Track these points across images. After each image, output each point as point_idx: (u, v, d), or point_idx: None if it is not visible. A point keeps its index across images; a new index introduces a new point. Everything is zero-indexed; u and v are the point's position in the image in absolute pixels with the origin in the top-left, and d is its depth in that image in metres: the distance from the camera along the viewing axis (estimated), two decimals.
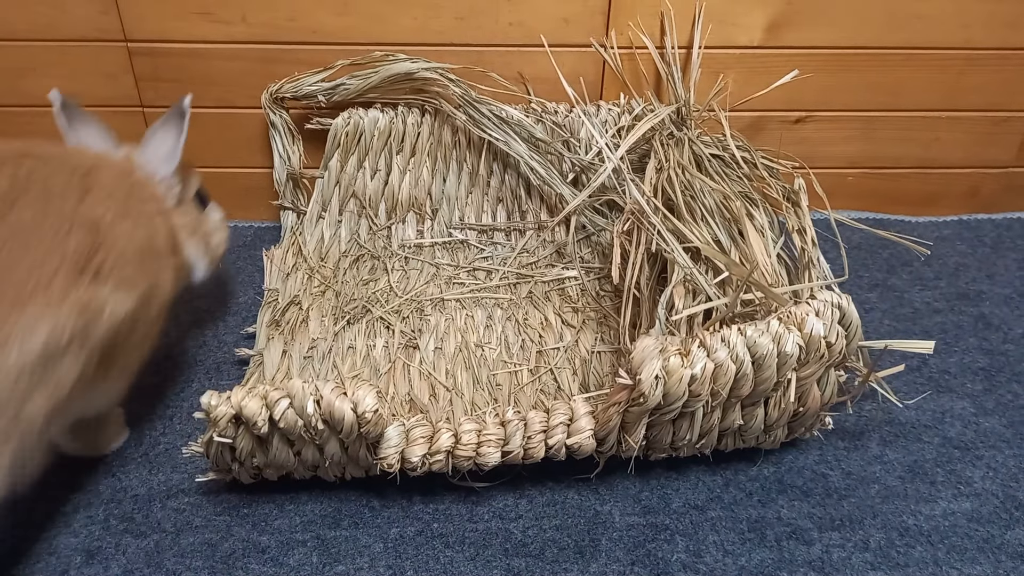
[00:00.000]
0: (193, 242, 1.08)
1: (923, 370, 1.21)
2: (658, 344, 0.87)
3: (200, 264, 1.11)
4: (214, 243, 1.14)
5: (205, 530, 0.95)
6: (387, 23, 1.36)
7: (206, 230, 1.12)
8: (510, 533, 0.95)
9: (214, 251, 1.14)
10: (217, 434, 0.89)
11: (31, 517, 0.96)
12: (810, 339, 0.88)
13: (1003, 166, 1.58)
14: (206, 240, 1.11)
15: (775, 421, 0.97)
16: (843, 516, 0.98)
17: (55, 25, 1.34)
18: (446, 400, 1.10)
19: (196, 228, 1.09)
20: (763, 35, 1.40)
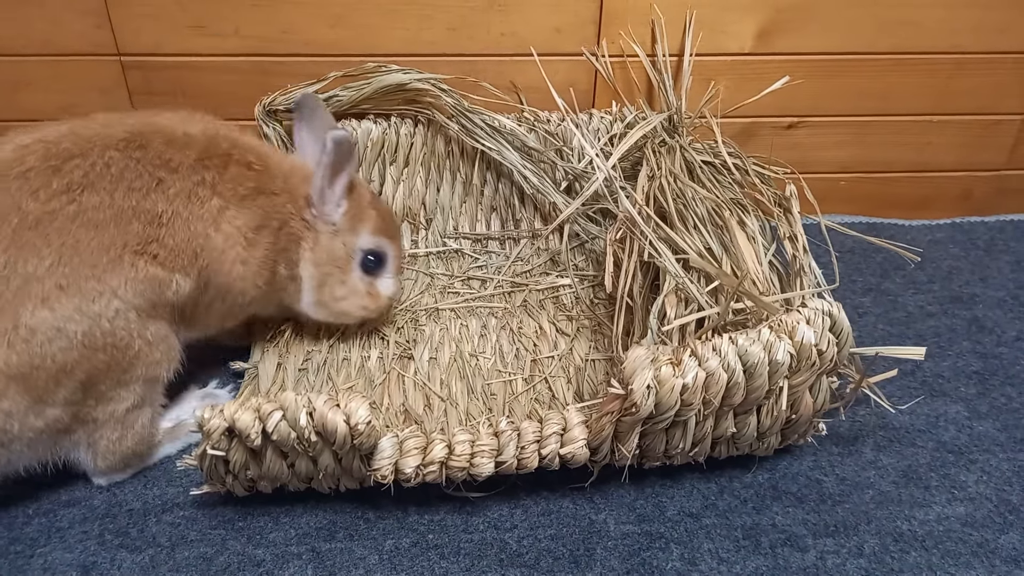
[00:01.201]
0: (314, 271, 1.09)
1: (916, 374, 1.21)
2: (649, 354, 0.87)
3: (308, 299, 1.11)
4: (334, 293, 1.11)
5: (200, 544, 0.95)
6: (379, 34, 1.37)
7: (333, 273, 1.10)
8: (505, 543, 0.96)
9: (327, 299, 1.11)
10: (211, 447, 0.89)
11: (26, 532, 0.97)
12: (801, 347, 0.88)
13: (995, 169, 1.59)
14: (325, 283, 1.10)
15: (768, 428, 0.97)
16: (837, 522, 0.98)
17: (50, 40, 1.35)
18: (441, 410, 1.11)
19: (326, 264, 1.08)
20: (754, 42, 1.41)
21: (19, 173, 0.88)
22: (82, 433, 0.95)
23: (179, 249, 0.96)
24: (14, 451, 0.90)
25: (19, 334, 0.84)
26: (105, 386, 0.93)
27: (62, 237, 0.88)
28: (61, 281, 0.86)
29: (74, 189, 0.89)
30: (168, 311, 0.98)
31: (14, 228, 0.86)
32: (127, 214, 0.92)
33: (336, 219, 1.08)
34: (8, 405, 0.86)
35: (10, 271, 0.85)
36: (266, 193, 1.03)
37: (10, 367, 0.84)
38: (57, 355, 0.87)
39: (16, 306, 0.84)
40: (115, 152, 0.93)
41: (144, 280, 0.93)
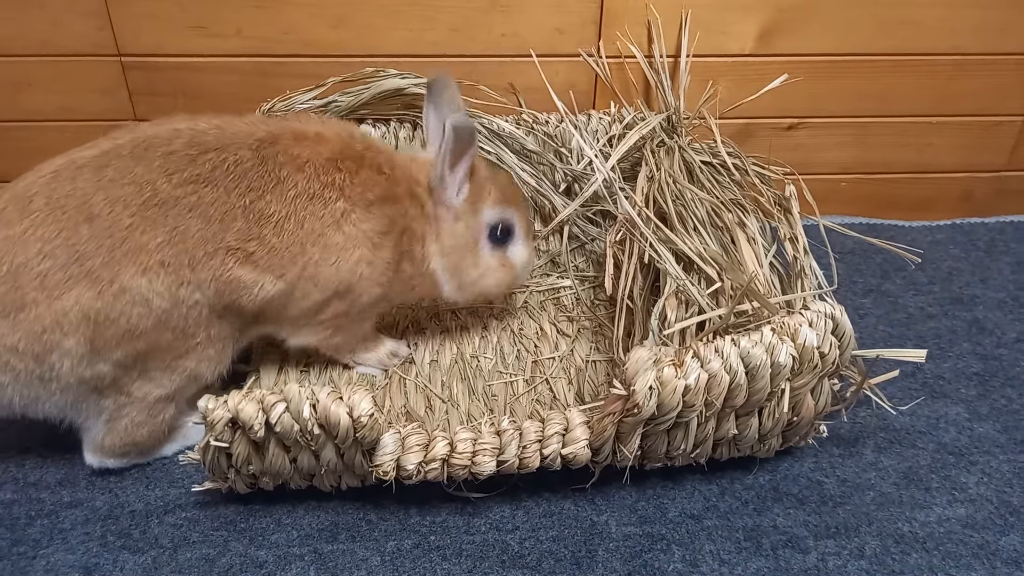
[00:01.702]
0: (444, 261, 1.09)
1: (917, 375, 1.21)
2: (652, 355, 0.87)
3: (449, 287, 1.11)
4: (469, 275, 1.10)
5: (203, 545, 0.95)
6: (381, 35, 1.37)
7: (464, 258, 1.09)
8: (507, 545, 0.96)
9: (466, 281, 1.11)
10: (214, 438, 0.89)
11: (29, 533, 0.97)
12: (803, 349, 0.89)
13: (995, 170, 1.59)
14: (459, 268, 1.09)
15: (769, 430, 0.97)
16: (838, 524, 0.99)
17: (51, 41, 1.35)
18: (442, 412, 1.11)
19: (454, 251, 1.08)
20: (754, 43, 1.41)
21: (164, 152, 0.95)
22: (111, 402, 0.97)
23: (281, 248, 0.97)
24: (50, 390, 0.94)
25: (112, 288, 0.90)
26: (155, 364, 0.96)
27: (177, 222, 0.93)
28: (164, 259, 0.92)
29: (199, 181, 0.94)
30: (239, 315, 0.99)
31: (145, 200, 0.92)
32: (235, 212, 0.95)
33: (457, 204, 1.07)
34: (71, 344, 0.90)
35: (129, 233, 0.91)
36: (391, 200, 1.03)
37: (91, 311, 0.90)
38: (133, 318, 0.92)
39: (121, 265, 0.91)
40: (247, 151, 0.97)
41: (227, 282, 0.95)
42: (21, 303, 0.89)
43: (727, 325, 0.95)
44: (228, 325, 1.00)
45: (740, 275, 1.00)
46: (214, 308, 0.97)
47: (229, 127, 0.99)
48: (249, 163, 0.96)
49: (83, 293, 0.89)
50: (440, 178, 1.04)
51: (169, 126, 0.98)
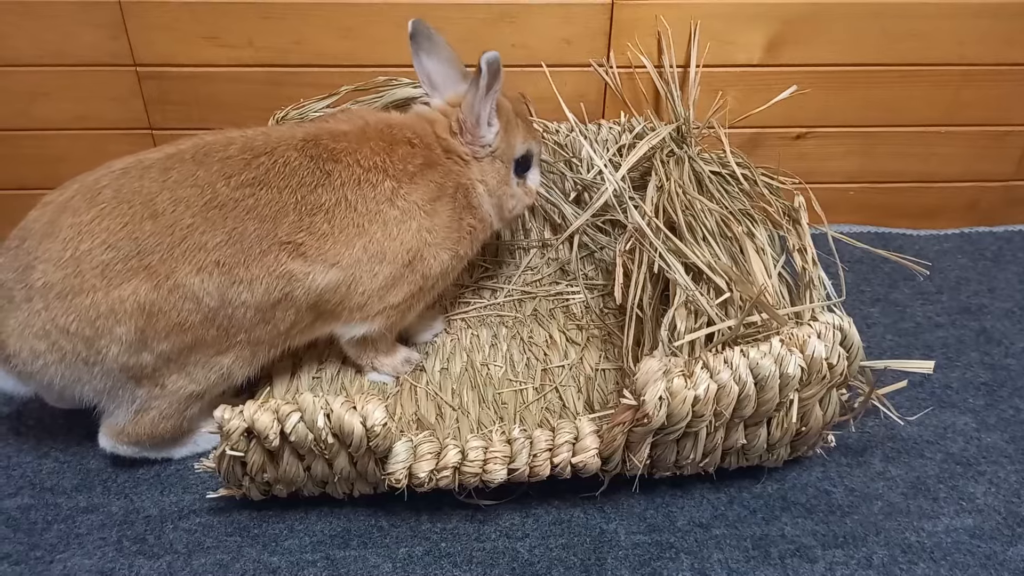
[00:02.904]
0: (491, 200, 1.14)
1: (925, 385, 1.22)
2: (662, 366, 0.88)
3: (495, 221, 1.18)
4: (508, 206, 1.17)
5: (217, 551, 0.96)
6: (391, 45, 1.38)
7: (504, 191, 1.15)
8: (517, 552, 0.97)
9: (505, 213, 1.18)
10: (230, 448, 0.90)
11: (46, 538, 0.98)
12: (812, 361, 0.89)
13: (1002, 179, 1.60)
14: (501, 203, 1.16)
15: (778, 440, 0.98)
16: (846, 533, 0.99)
17: (66, 51, 1.37)
18: (452, 419, 1.12)
19: (498, 187, 1.14)
20: (762, 54, 1.42)
21: (221, 157, 0.99)
22: (145, 392, 0.99)
23: (334, 233, 1.00)
24: (92, 374, 0.96)
25: (168, 283, 0.94)
26: (195, 359, 0.99)
27: (235, 223, 0.97)
28: (220, 259, 0.96)
29: (255, 184, 0.99)
30: (289, 314, 1.02)
31: (206, 202, 0.96)
32: (287, 208, 0.99)
33: (491, 140, 1.11)
34: (122, 332, 0.94)
35: (189, 232, 0.95)
36: (432, 165, 1.08)
37: (145, 302, 0.93)
38: (184, 312, 0.95)
39: (179, 262, 0.94)
40: (294, 152, 1.02)
41: (279, 276, 0.98)
42: (80, 288, 0.92)
43: (736, 336, 0.96)
44: (267, 333, 1.02)
45: (749, 286, 1.01)
46: (260, 308, 0.99)
47: (274, 132, 1.05)
48: (296, 162, 1.01)
49: (140, 285, 0.93)
50: (475, 116, 1.08)
51: (223, 134, 1.04)
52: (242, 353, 1.02)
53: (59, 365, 0.95)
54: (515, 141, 1.15)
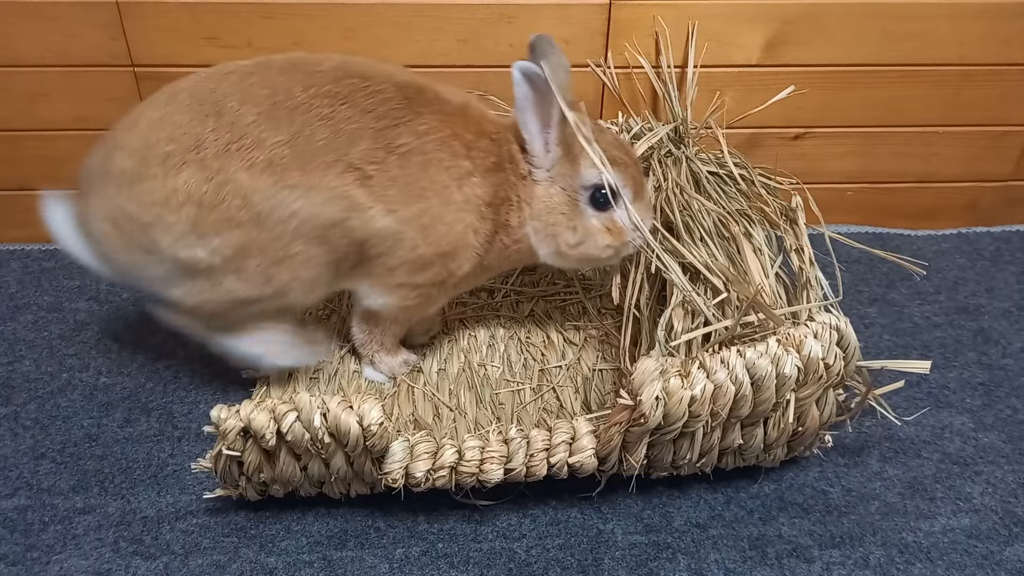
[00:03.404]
0: (535, 225, 1.04)
1: (922, 385, 1.22)
2: (658, 366, 0.88)
3: (545, 252, 1.06)
4: (566, 239, 1.04)
5: (213, 552, 0.97)
6: (390, 46, 1.38)
7: (557, 221, 1.03)
8: (514, 553, 0.97)
9: (562, 247, 1.05)
10: (226, 447, 0.91)
11: (42, 539, 0.98)
12: (808, 361, 0.89)
13: (1001, 180, 1.59)
14: (553, 233, 1.04)
15: (775, 440, 0.98)
16: (843, 533, 0.99)
17: (66, 51, 1.37)
18: (450, 420, 1.12)
19: (546, 214, 1.03)
20: (761, 54, 1.42)
21: (310, 71, 0.98)
22: (199, 284, 1.00)
23: (401, 181, 0.97)
24: (145, 262, 1.00)
25: (220, 177, 0.94)
26: (251, 263, 0.98)
27: (300, 127, 0.95)
28: (273, 158, 0.94)
29: (337, 98, 0.96)
30: (341, 243, 0.99)
31: (275, 102, 0.95)
32: (365, 132, 0.96)
33: (547, 165, 1.03)
34: (173, 220, 0.96)
35: (249, 129, 0.95)
36: (498, 168, 1.03)
37: (196, 195, 0.95)
38: (231, 210, 0.95)
39: (234, 157, 0.94)
40: (392, 87, 0.99)
41: (338, 197, 0.96)
42: (142, 176, 0.96)
43: (733, 336, 0.96)
44: (325, 254, 1.00)
45: (746, 286, 1.01)
46: (316, 225, 0.97)
47: (380, 64, 1.02)
48: (391, 94, 0.98)
49: (192, 176, 0.94)
50: (530, 136, 1.01)
51: (325, 54, 1.02)
52: (300, 273, 1.00)
53: (123, 249, 0.99)
54: (580, 167, 1.01)
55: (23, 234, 1.55)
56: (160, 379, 1.22)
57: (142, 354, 1.27)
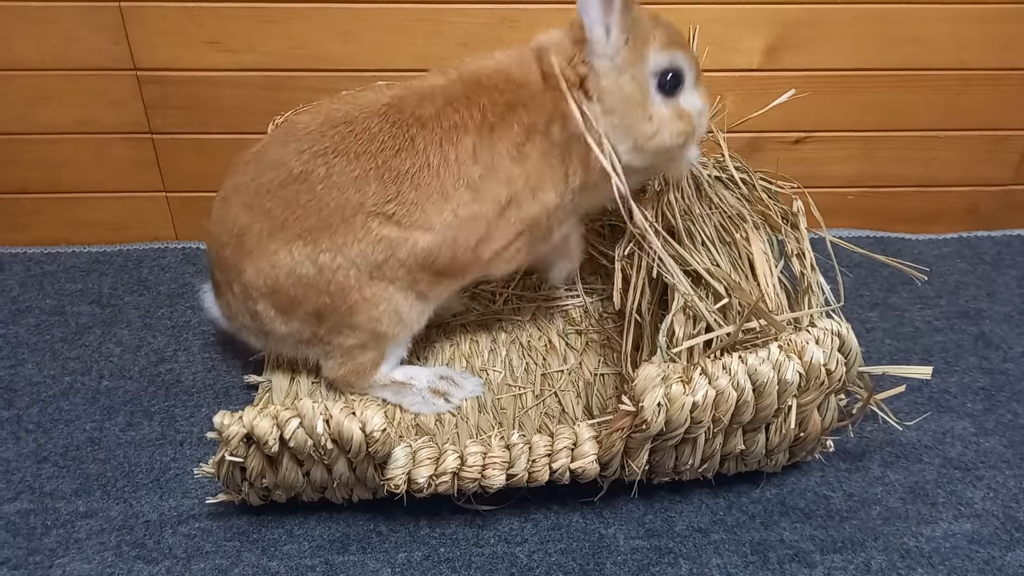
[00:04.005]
0: (611, 120, 0.99)
1: (924, 390, 1.22)
2: (660, 372, 0.88)
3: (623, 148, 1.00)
4: (644, 130, 0.99)
5: (216, 556, 0.97)
6: (391, 50, 1.38)
7: (635, 113, 0.99)
8: (516, 557, 0.97)
9: (641, 139, 1.00)
10: (229, 453, 0.91)
11: (44, 543, 0.98)
12: (810, 367, 0.90)
13: (1001, 184, 1.60)
14: (630, 126, 0.99)
15: (776, 446, 0.98)
16: (845, 538, 0.99)
17: (68, 55, 1.37)
18: (452, 425, 1.12)
19: (621, 106, 0.98)
20: (762, 58, 1.42)
21: (302, 134, 1.01)
22: (319, 348, 1.09)
23: (421, 201, 0.98)
24: (272, 340, 1.10)
25: (268, 262, 1.02)
26: (332, 322, 1.04)
27: (310, 195, 0.99)
28: (301, 232, 1.00)
29: (328, 153, 0.99)
30: (402, 273, 1.02)
31: (282, 180, 1.00)
32: (368, 176, 0.98)
33: (612, 52, 0.97)
34: (261, 308, 1.05)
35: (271, 212, 1.00)
36: (517, 107, 0.99)
37: (259, 285, 1.03)
38: (289, 287, 1.02)
39: (272, 241, 1.01)
40: (376, 118, 1.00)
41: (372, 242, 0.99)
42: (229, 281, 1.06)
43: (735, 342, 0.96)
44: (388, 286, 1.02)
45: (747, 293, 1.01)
46: (363, 269, 1.00)
47: (359, 99, 1.03)
48: (377, 128, 0.99)
49: (249, 268, 1.03)
50: (591, 22, 0.96)
51: (315, 110, 1.05)
52: (371, 313, 1.03)
53: (253, 336, 1.11)
54: (647, 51, 0.98)
55: (25, 237, 1.55)
56: (162, 383, 1.22)
57: (144, 358, 1.27)
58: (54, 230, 1.55)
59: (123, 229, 1.56)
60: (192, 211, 1.55)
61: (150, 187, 1.51)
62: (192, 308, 1.38)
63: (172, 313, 1.37)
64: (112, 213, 1.54)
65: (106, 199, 1.53)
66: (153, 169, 1.49)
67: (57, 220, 1.54)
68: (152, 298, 1.40)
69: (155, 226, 1.56)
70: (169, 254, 1.52)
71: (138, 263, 1.49)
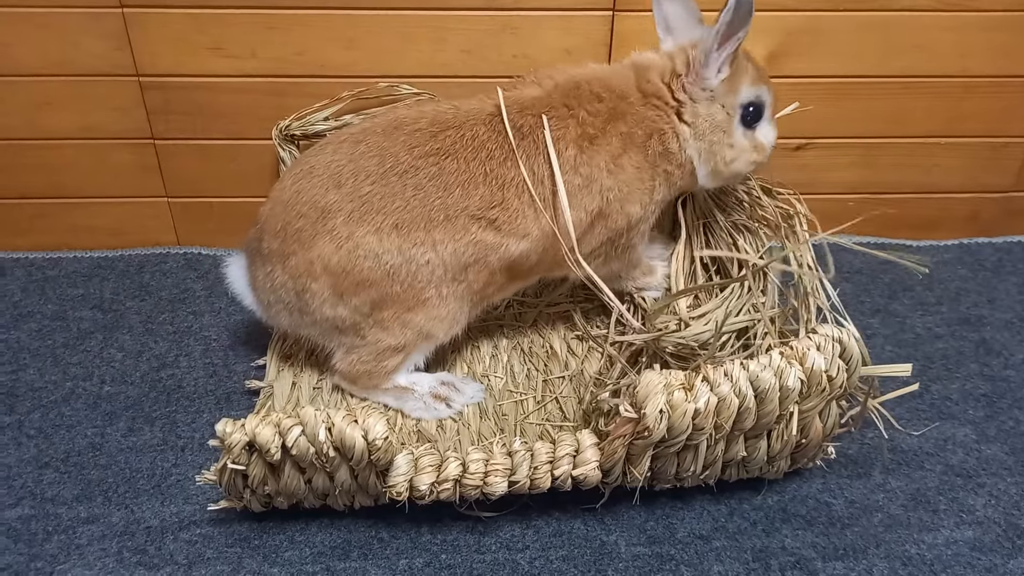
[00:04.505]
0: (699, 145, 1.08)
1: (925, 397, 1.22)
2: (662, 379, 0.88)
3: (703, 171, 1.11)
4: (723, 156, 1.09)
5: (217, 562, 0.97)
6: (393, 57, 1.39)
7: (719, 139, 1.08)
8: (517, 564, 0.97)
9: (720, 165, 1.10)
10: (231, 461, 0.91)
11: (46, 549, 0.98)
12: (811, 373, 0.90)
13: (1002, 191, 1.60)
14: (714, 152, 1.09)
15: (778, 452, 0.98)
16: (846, 545, 0.99)
17: (71, 61, 1.37)
18: (453, 431, 1.12)
19: (710, 132, 1.07)
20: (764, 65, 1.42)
21: (410, 130, 1.05)
22: (350, 339, 1.10)
23: (523, 210, 1.03)
24: (306, 321, 1.10)
25: (349, 243, 1.03)
26: (388, 314, 1.06)
27: (416, 190, 1.02)
28: (398, 222, 1.02)
29: (440, 154, 1.03)
30: (483, 275, 1.06)
31: (386, 169, 1.03)
32: (476, 179, 1.03)
33: (715, 84, 1.06)
34: (317, 287, 1.06)
35: (369, 197, 1.03)
36: (617, 118, 1.06)
37: (330, 263, 1.04)
38: (364, 271, 1.03)
39: (359, 224, 1.03)
40: (482, 127, 1.05)
41: (470, 244, 1.03)
42: (287, 252, 1.06)
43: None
44: (462, 290, 1.06)
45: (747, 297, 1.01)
46: (449, 268, 1.04)
47: (464, 106, 1.08)
48: (485, 136, 1.04)
49: (325, 246, 1.03)
50: (706, 56, 1.04)
51: (417, 109, 1.09)
52: (436, 312, 1.06)
53: (284, 313, 1.11)
54: (740, 85, 1.07)
55: (27, 242, 1.55)
56: (163, 388, 1.22)
57: (145, 363, 1.27)
58: (56, 235, 1.55)
59: (125, 234, 1.56)
60: (194, 216, 1.55)
61: (152, 192, 1.52)
62: (194, 313, 1.38)
63: (174, 318, 1.37)
64: (114, 218, 1.54)
65: (108, 204, 1.53)
66: (155, 174, 1.49)
67: (59, 225, 1.54)
68: (154, 303, 1.41)
69: (157, 231, 1.56)
70: (171, 259, 1.52)
71: (140, 268, 1.49)
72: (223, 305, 1.39)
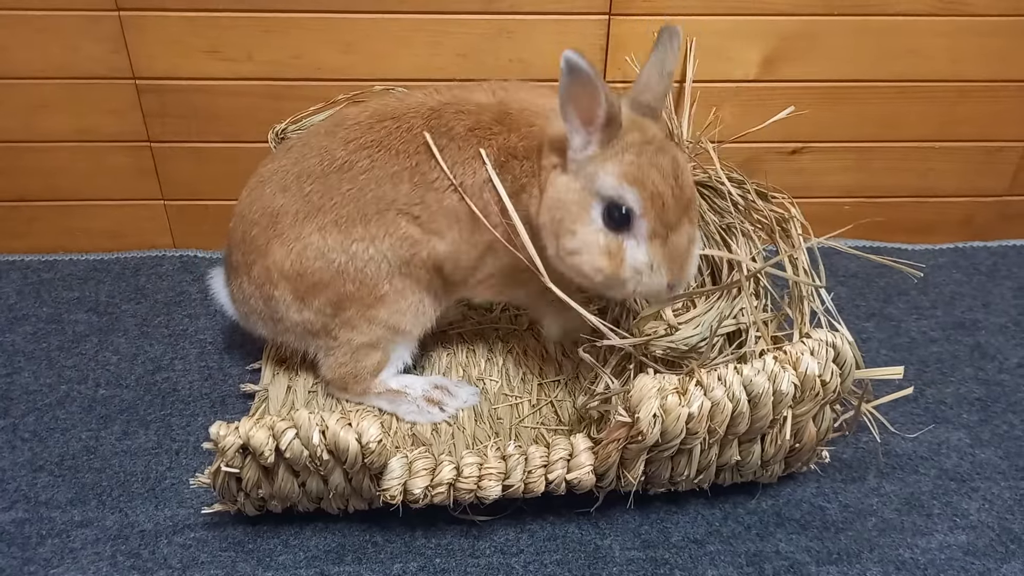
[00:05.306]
0: (545, 217, 0.97)
1: (919, 401, 1.22)
2: (656, 383, 0.88)
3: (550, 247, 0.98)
4: (565, 244, 0.95)
5: (211, 566, 0.96)
6: (389, 60, 1.39)
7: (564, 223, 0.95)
8: (511, 568, 0.97)
9: (560, 251, 0.96)
10: (225, 464, 0.91)
11: (39, 552, 0.98)
12: (805, 377, 0.90)
13: (997, 195, 1.60)
14: (557, 229, 0.96)
15: (772, 456, 0.98)
16: (840, 549, 0.99)
17: (67, 64, 1.37)
18: (448, 435, 1.12)
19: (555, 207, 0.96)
20: (758, 69, 1.43)
21: (351, 124, 1.05)
22: (324, 342, 1.11)
23: (439, 213, 1.02)
24: (279, 329, 1.12)
25: (297, 244, 1.04)
26: (350, 313, 1.07)
27: (351, 184, 1.02)
28: (337, 218, 1.03)
29: (374, 146, 1.02)
30: (423, 272, 1.06)
31: (324, 168, 1.04)
32: (403, 174, 1.02)
33: (578, 157, 0.94)
34: (279, 294, 1.07)
35: (311, 196, 1.04)
36: (516, 157, 1.00)
37: (285, 267, 1.05)
38: (316, 272, 1.04)
39: (303, 224, 1.04)
40: (419, 120, 1.03)
41: (400, 238, 1.03)
42: (248, 263, 1.08)
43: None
44: (414, 283, 1.06)
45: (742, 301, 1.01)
46: (392, 262, 1.04)
47: (409, 98, 1.07)
48: (419, 130, 1.02)
49: (278, 251, 1.05)
50: (574, 133, 0.93)
51: (366, 103, 1.09)
52: (396, 306, 1.06)
53: (260, 323, 1.13)
54: (602, 172, 0.92)
55: (22, 245, 1.55)
56: (158, 392, 1.22)
57: (141, 366, 1.27)
58: (52, 238, 1.55)
59: (121, 237, 1.56)
60: (190, 219, 1.55)
61: (148, 195, 1.52)
62: (189, 316, 1.38)
63: (169, 321, 1.37)
64: (110, 221, 1.54)
65: (104, 207, 1.53)
66: (151, 177, 1.49)
67: (55, 228, 1.54)
68: (149, 306, 1.41)
69: (153, 234, 1.56)
70: (166, 262, 1.52)
71: (135, 271, 1.49)
72: (219, 308, 1.39)
